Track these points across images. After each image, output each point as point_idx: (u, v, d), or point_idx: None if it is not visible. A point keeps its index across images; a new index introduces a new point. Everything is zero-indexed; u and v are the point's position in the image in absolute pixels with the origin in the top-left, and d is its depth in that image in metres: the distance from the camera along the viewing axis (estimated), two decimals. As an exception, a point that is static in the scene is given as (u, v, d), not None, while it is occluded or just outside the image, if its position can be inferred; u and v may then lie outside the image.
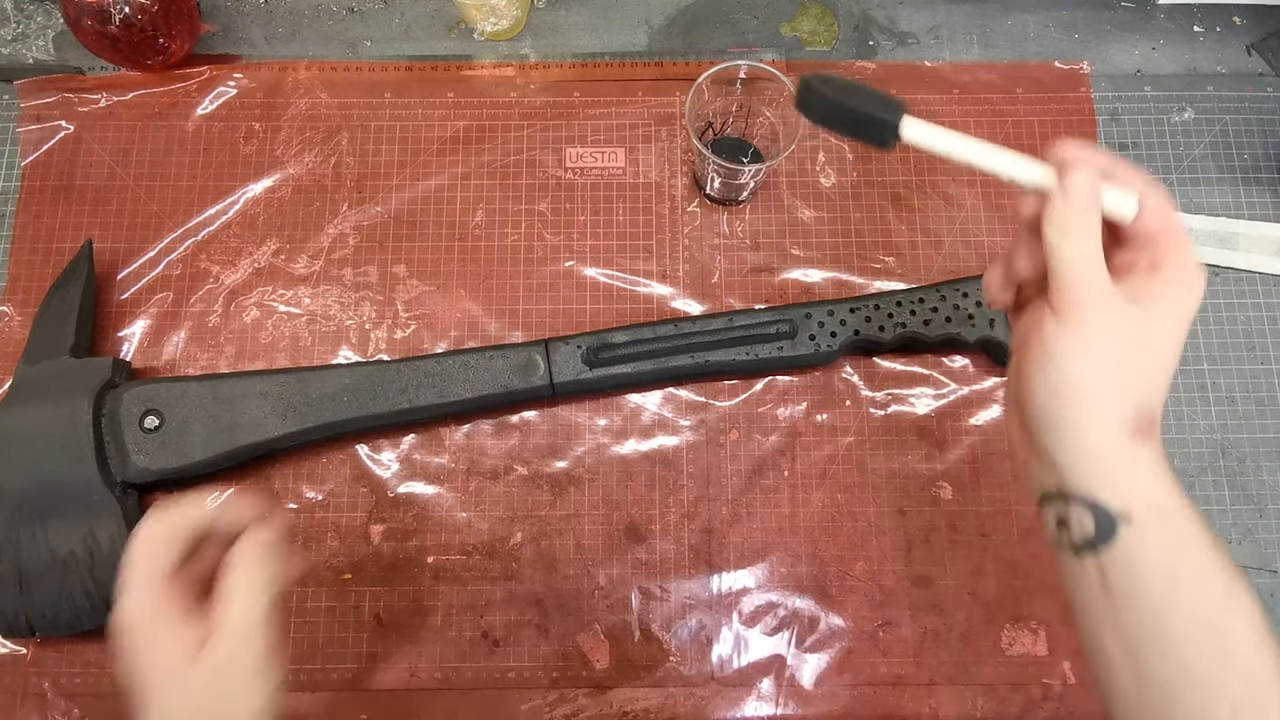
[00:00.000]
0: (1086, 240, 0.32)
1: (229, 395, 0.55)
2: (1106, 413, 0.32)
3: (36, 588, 0.52)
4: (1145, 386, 0.33)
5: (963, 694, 0.55)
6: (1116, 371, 0.32)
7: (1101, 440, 0.32)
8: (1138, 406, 0.32)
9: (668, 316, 0.60)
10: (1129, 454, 0.32)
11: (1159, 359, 0.33)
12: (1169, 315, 0.33)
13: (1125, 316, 0.32)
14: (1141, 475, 0.32)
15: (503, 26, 0.65)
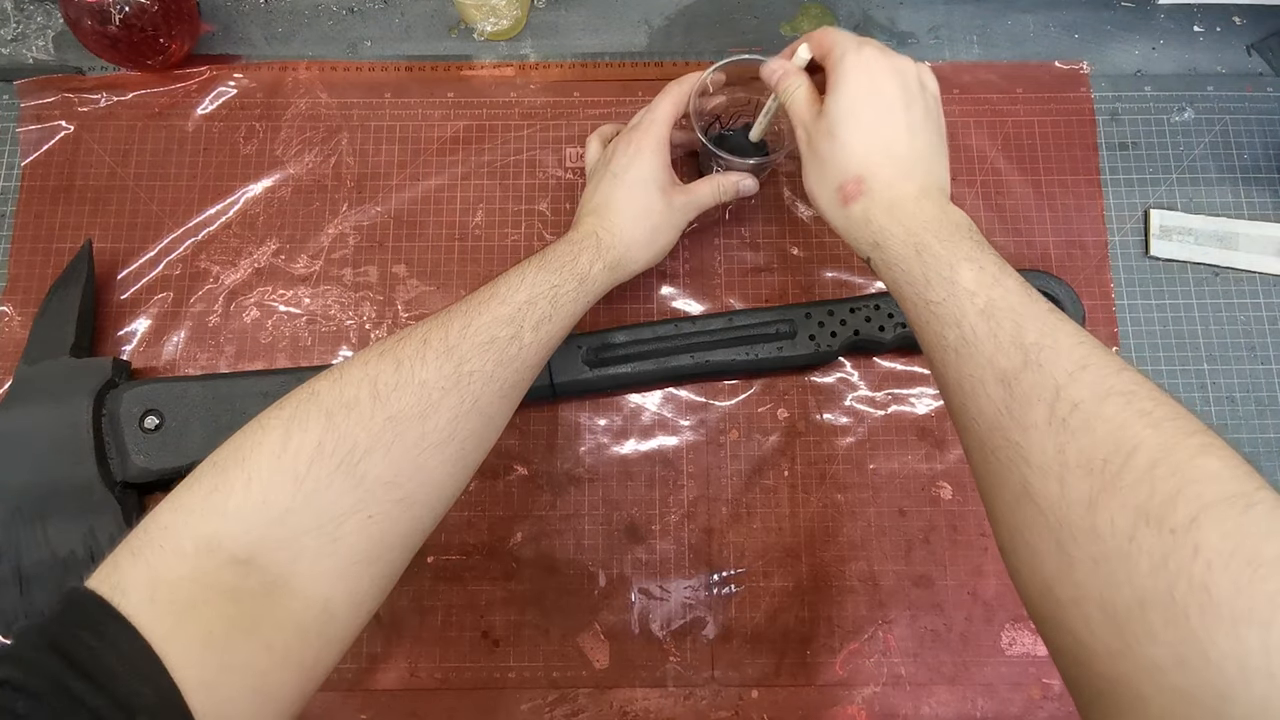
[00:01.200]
0: (793, 100, 0.47)
1: (229, 395, 0.55)
2: (822, 199, 0.46)
3: (36, 588, 0.52)
4: (838, 167, 0.44)
5: (963, 694, 0.55)
6: (818, 170, 0.45)
7: (830, 215, 0.46)
8: (838, 184, 0.44)
9: (668, 316, 0.60)
10: (846, 215, 0.44)
11: (841, 138, 0.44)
12: (840, 105, 0.44)
13: (817, 128, 0.45)
14: (858, 227, 0.44)
15: (503, 26, 0.65)
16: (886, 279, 0.43)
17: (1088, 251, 0.62)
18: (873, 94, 0.44)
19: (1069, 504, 0.31)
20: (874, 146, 0.44)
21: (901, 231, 0.42)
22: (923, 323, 0.40)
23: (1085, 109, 0.65)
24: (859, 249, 0.44)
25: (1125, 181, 0.63)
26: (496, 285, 0.46)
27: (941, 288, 0.39)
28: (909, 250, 0.41)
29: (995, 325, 0.37)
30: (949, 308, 0.38)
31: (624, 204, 0.52)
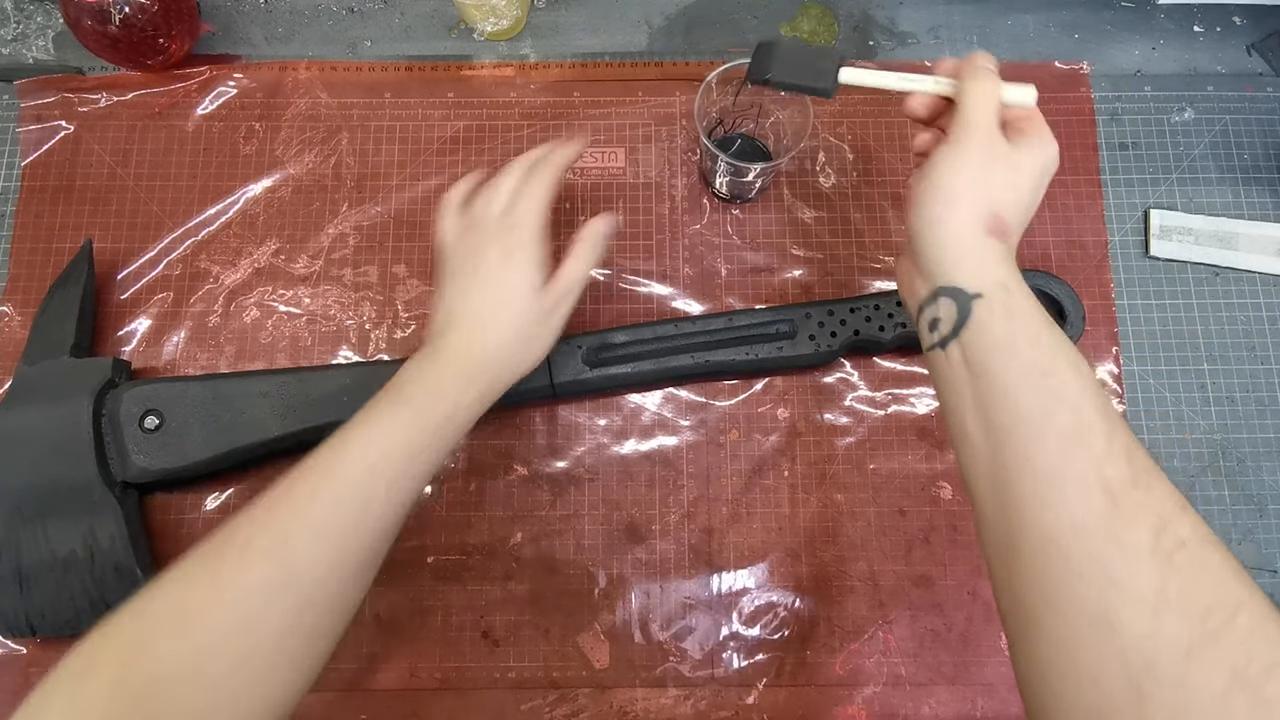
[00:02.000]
0: (988, 85, 0.42)
1: (229, 395, 0.55)
2: (967, 208, 0.40)
3: (36, 588, 0.52)
4: (1002, 194, 0.40)
5: (963, 694, 0.55)
6: (980, 179, 0.40)
7: (964, 230, 0.40)
8: (992, 210, 0.40)
9: (668, 316, 0.60)
10: (983, 243, 0.39)
11: (1018, 178, 0.41)
12: (1033, 155, 0.41)
13: (998, 143, 0.41)
14: (991, 261, 0.39)
15: (503, 26, 0.65)
16: (993, 326, 0.38)
17: (1088, 251, 0.62)
18: (1042, 188, 0.42)
19: (1160, 645, 0.30)
20: (1022, 220, 0.42)
21: (1029, 294, 0.39)
22: (1029, 390, 0.36)
23: (1085, 109, 0.65)
24: (972, 280, 0.39)
25: (1125, 181, 0.63)
26: (342, 446, 0.41)
27: (1068, 367, 0.36)
28: (1039, 314, 0.38)
29: (1112, 429, 0.35)
30: (1072, 390, 0.36)
31: (494, 319, 0.46)
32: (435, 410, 0.43)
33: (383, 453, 0.41)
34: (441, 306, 0.48)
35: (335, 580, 0.39)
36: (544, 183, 0.49)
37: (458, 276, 0.48)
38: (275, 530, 0.38)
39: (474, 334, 0.46)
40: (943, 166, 0.41)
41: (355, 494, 0.40)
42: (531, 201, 0.48)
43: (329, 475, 0.40)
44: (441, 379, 0.44)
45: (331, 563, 0.39)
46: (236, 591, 0.36)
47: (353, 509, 0.40)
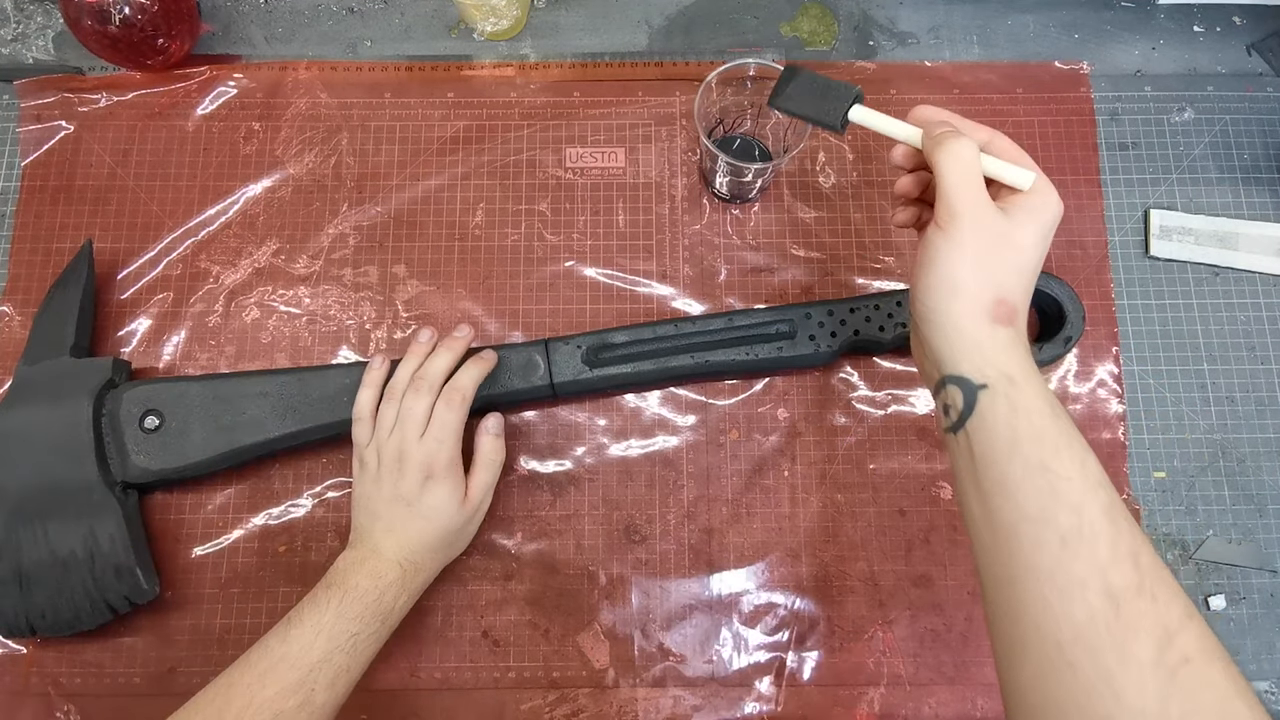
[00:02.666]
0: (962, 156, 0.40)
1: (229, 395, 0.55)
2: (970, 298, 0.39)
3: (36, 588, 0.52)
4: (1005, 278, 0.39)
5: (963, 694, 0.55)
6: (980, 266, 0.39)
7: (966, 321, 0.39)
8: (996, 296, 0.39)
9: (668, 316, 0.60)
10: (988, 333, 0.39)
11: (1020, 256, 0.39)
12: (1030, 222, 0.40)
13: (993, 222, 0.39)
14: (998, 350, 0.39)
15: (503, 27, 0.65)
16: (1002, 418, 0.37)
17: (1088, 251, 0.62)
18: (1053, 225, 0.41)
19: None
20: (1028, 293, 0.40)
21: (1038, 384, 0.38)
22: (1033, 486, 0.36)
23: (1085, 109, 0.65)
24: (978, 370, 0.38)
25: (1125, 181, 0.63)
26: (289, 639, 0.45)
27: (1071, 464, 0.36)
28: (1045, 406, 0.37)
29: (1117, 533, 0.34)
30: (1074, 489, 0.35)
31: (426, 534, 0.50)
32: (376, 613, 0.47)
33: (325, 653, 0.45)
34: (366, 514, 0.51)
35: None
36: (460, 414, 0.52)
37: (378, 486, 0.51)
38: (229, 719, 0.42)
39: (403, 545, 0.50)
40: (940, 258, 0.39)
41: (300, 685, 0.44)
42: (447, 431, 0.51)
43: (274, 670, 0.44)
44: (380, 586, 0.48)
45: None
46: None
47: (295, 698, 0.44)
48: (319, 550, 0.57)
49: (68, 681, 0.54)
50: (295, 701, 0.43)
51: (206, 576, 0.56)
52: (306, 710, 0.44)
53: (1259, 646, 0.56)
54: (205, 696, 0.44)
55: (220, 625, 0.55)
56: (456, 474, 0.51)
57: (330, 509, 0.57)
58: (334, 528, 0.57)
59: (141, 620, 0.55)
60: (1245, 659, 0.56)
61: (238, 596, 0.56)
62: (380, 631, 0.48)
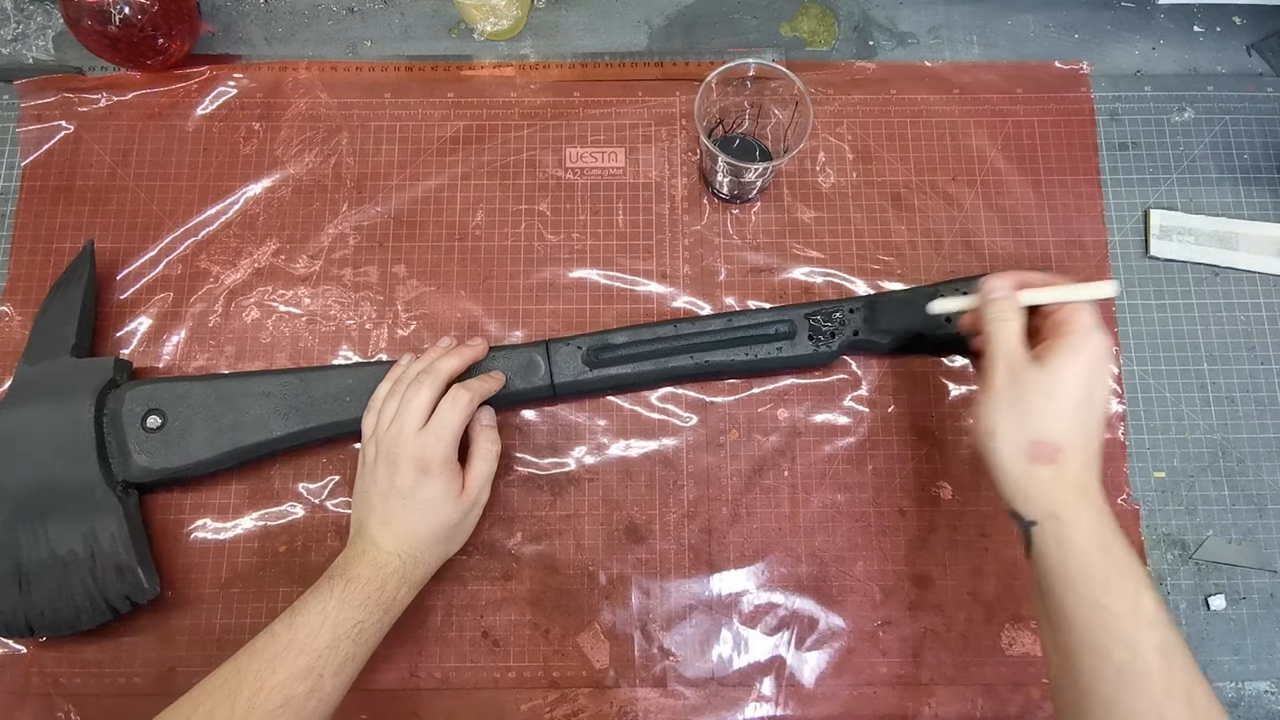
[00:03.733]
0: (1003, 316, 0.47)
1: (232, 395, 0.55)
2: (1007, 441, 0.44)
3: (37, 587, 0.52)
4: (1039, 421, 0.44)
5: (963, 694, 0.55)
6: (1011, 412, 0.44)
7: (1007, 462, 0.44)
8: (1034, 439, 0.44)
9: (668, 317, 0.60)
10: (1029, 473, 0.43)
11: (1054, 403, 0.44)
12: (1066, 369, 0.44)
13: (1025, 374, 0.45)
14: (1040, 490, 0.43)
15: (503, 26, 0.65)
16: (1052, 554, 0.42)
17: (1088, 251, 0.62)
18: (1097, 379, 0.44)
19: None
20: (1081, 425, 0.44)
21: (1088, 521, 0.41)
22: (1086, 620, 0.39)
23: (1085, 109, 0.65)
24: (1027, 509, 0.43)
25: (1125, 181, 0.63)
26: (295, 626, 0.45)
27: (1123, 601, 0.39)
28: (1094, 543, 0.41)
29: (1171, 671, 0.37)
30: (1127, 625, 0.38)
31: (422, 527, 0.50)
32: (379, 603, 0.47)
33: (332, 640, 0.45)
34: (366, 508, 0.51)
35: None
36: (463, 416, 0.51)
37: (377, 483, 0.51)
38: (234, 711, 0.42)
39: (402, 539, 0.50)
40: (981, 409, 0.46)
41: (309, 671, 0.44)
42: (447, 429, 0.50)
43: (283, 655, 0.44)
44: (382, 577, 0.48)
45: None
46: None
47: (305, 684, 0.44)
48: (319, 550, 0.57)
49: (68, 681, 0.54)
50: (305, 687, 0.43)
51: (206, 576, 0.56)
52: (316, 697, 0.44)
53: (1259, 646, 0.56)
54: (213, 682, 0.44)
55: (220, 625, 0.55)
56: (452, 469, 0.51)
57: (330, 509, 0.57)
58: (334, 528, 0.57)
59: (141, 620, 0.55)
60: (1245, 659, 0.56)
61: (238, 596, 0.56)
62: (383, 621, 0.48)
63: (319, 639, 0.45)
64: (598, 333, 0.57)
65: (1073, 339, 0.45)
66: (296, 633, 0.45)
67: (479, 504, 0.53)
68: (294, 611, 0.46)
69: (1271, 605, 0.56)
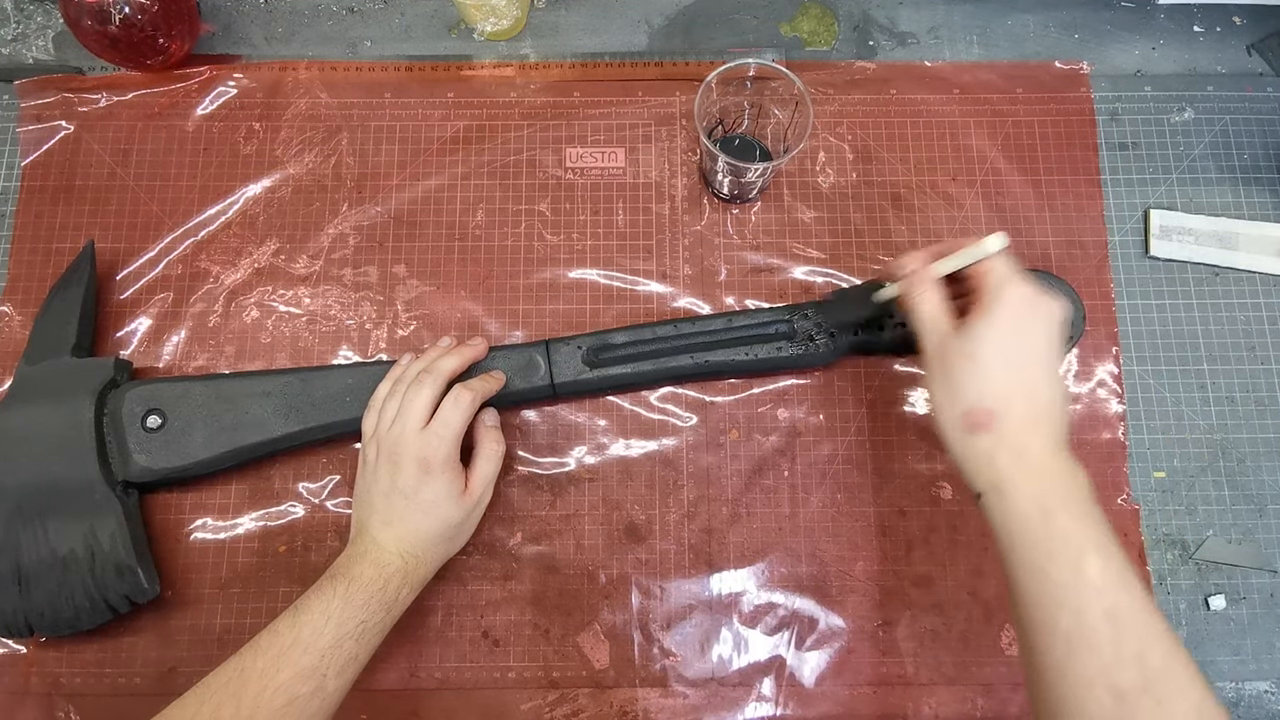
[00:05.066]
0: (918, 292, 0.47)
1: (232, 395, 0.55)
2: (945, 416, 0.44)
3: (36, 587, 0.52)
4: (970, 392, 0.43)
5: (963, 694, 0.55)
6: (945, 386, 0.44)
7: (949, 436, 0.44)
8: (965, 409, 0.43)
9: (668, 316, 0.60)
10: (967, 444, 0.43)
11: (978, 367, 0.43)
12: (985, 329, 0.43)
13: (953, 345, 0.44)
14: (980, 461, 0.43)
15: (503, 26, 0.65)
16: (998, 524, 0.42)
17: (1088, 251, 0.62)
18: (1024, 332, 0.43)
19: None
20: (1013, 384, 0.43)
21: (1029, 487, 0.41)
22: (1033, 589, 0.39)
23: (1085, 109, 0.65)
24: (973, 482, 0.43)
25: (1125, 181, 0.63)
26: (299, 625, 0.45)
27: (1065, 568, 0.39)
28: (1034, 510, 0.40)
29: (1119, 634, 0.37)
30: (1070, 593, 0.38)
31: (424, 527, 0.50)
32: (381, 603, 0.47)
33: (335, 639, 0.45)
34: (367, 508, 0.51)
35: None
36: (464, 415, 0.51)
37: (380, 482, 0.50)
38: (239, 709, 0.42)
39: (404, 539, 0.50)
40: (927, 390, 0.47)
41: (313, 671, 0.44)
42: (449, 429, 0.50)
43: (288, 654, 0.44)
44: (384, 577, 0.48)
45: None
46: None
47: (309, 684, 0.44)
48: (319, 550, 0.57)
49: (68, 681, 0.54)
50: (309, 687, 0.44)
51: (206, 576, 0.56)
52: (320, 696, 0.44)
53: (1259, 646, 0.56)
54: (218, 679, 0.44)
55: (220, 625, 0.55)
56: (454, 468, 0.51)
57: (330, 509, 0.57)
58: (334, 528, 0.57)
59: (141, 620, 0.55)
60: (1245, 659, 0.56)
61: (238, 596, 0.56)
62: (385, 621, 0.48)
63: (323, 638, 0.45)
64: (598, 333, 0.57)
65: (986, 298, 0.44)
66: (300, 631, 0.45)
67: (481, 504, 0.53)
68: (297, 610, 0.46)
69: (1271, 605, 0.56)
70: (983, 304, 0.44)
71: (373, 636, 0.47)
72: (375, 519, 0.50)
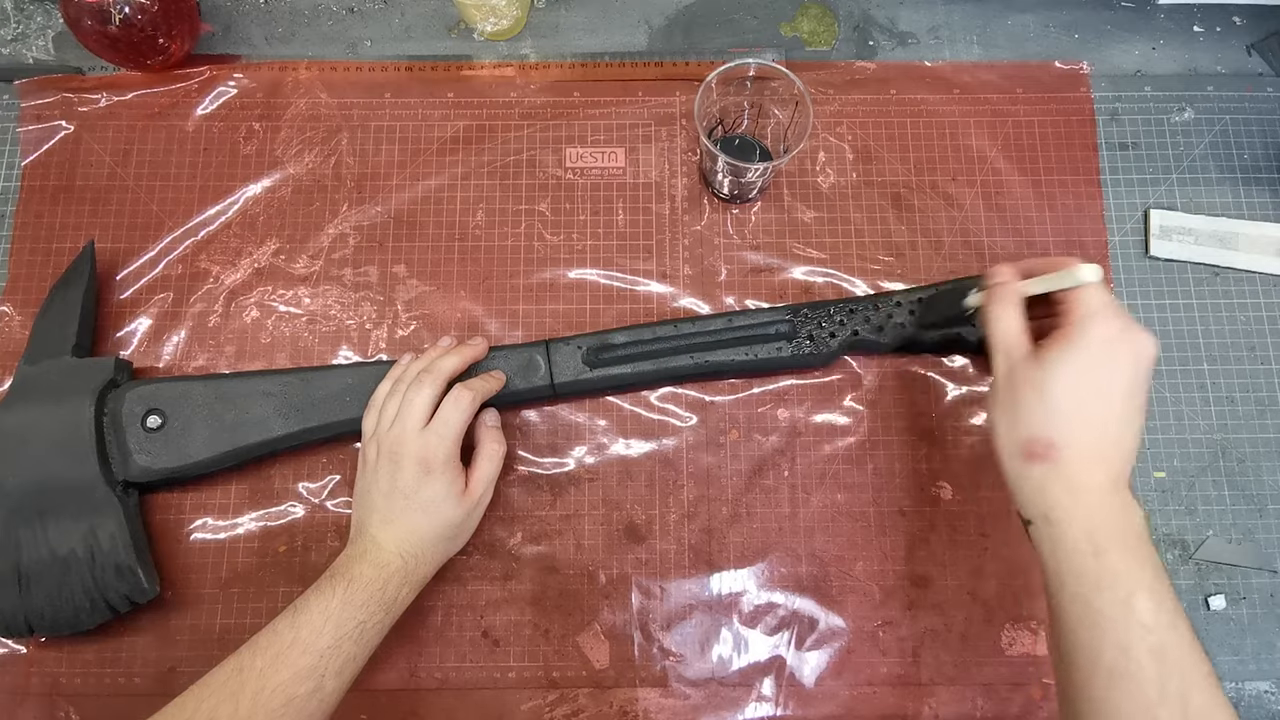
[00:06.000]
0: (998, 311, 0.46)
1: (232, 395, 0.55)
2: (1003, 441, 0.44)
3: (36, 587, 0.52)
4: (1034, 422, 0.43)
5: (963, 694, 0.55)
6: (1009, 412, 0.44)
7: (1005, 460, 0.44)
8: (1026, 437, 0.43)
9: (668, 316, 0.60)
10: (1022, 471, 0.43)
11: (1047, 398, 0.42)
12: (1059, 362, 0.42)
13: (1021, 369, 0.44)
14: (1034, 489, 0.42)
15: (503, 26, 0.65)
16: (1046, 554, 0.41)
17: (1088, 251, 0.62)
18: (1103, 369, 0.42)
19: None
20: (1081, 420, 0.42)
21: (1082, 521, 0.40)
22: (1076, 619, 0.39)
23: (1085, 109, 0.65)
24: (1023, 508, 0.43)
25: (1125, 181, 0.63)
26: (298, 625, 0.45)
27: (1113, 605, 0.38)
28: (1085, 545, 0.40)
29: (1165, 673, 0.37)
30: (1117, 628, 0.38)
31: (424, 527, 0.50)
32: (380, 603, 0.47)
33: (334, 640, 0.45)
34: (367, 507, 0.51)
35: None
36: (465, 415, 0.51)
37: (379, 482, 0.50)
38: (237, 709, 0.42)
39: (404, 539, 0.49)
40: (988, 405, 0.47)
41: (312, 671, 0.44)
42: (449, 429, 0.50)
43: (287, 654, 0.44)
44: (384, 577, 0.48)
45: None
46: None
47: (308, 684, 0.44)
48: (319, 550, 0.57)
49: (68, 681, 0.54)
50: (308, 687, 0.43)
51: (206, 576, 0.56)
52: (318, 697, 0.44)
53: (1259, 646, 0.56)
54: (216, 679, 0.44)
55: (220, 625, 0.55)
56: (454, 468, 0.51)
57: (330, 509, 0.57)
58: (334, 528, 0.57)
59: (141, 620, 0.55)
60: (1245, 659, 0.56)
61: (238, 596, 0.56)
62: (385, 622, 0.48)
63: (322, 639, 0.45)
64: (598, 333, 0.57)
65: (1068, 329, 0.43)
66: (299, 631, 0.45)
67: (481, 504, 0.53)
68: (296, 610, 0.46)
69: (1271, 605, 0.56)
70: (1065, 334, 0.43)
71: (372, 637, 0.47)
72: (375, 519, 0.50)
